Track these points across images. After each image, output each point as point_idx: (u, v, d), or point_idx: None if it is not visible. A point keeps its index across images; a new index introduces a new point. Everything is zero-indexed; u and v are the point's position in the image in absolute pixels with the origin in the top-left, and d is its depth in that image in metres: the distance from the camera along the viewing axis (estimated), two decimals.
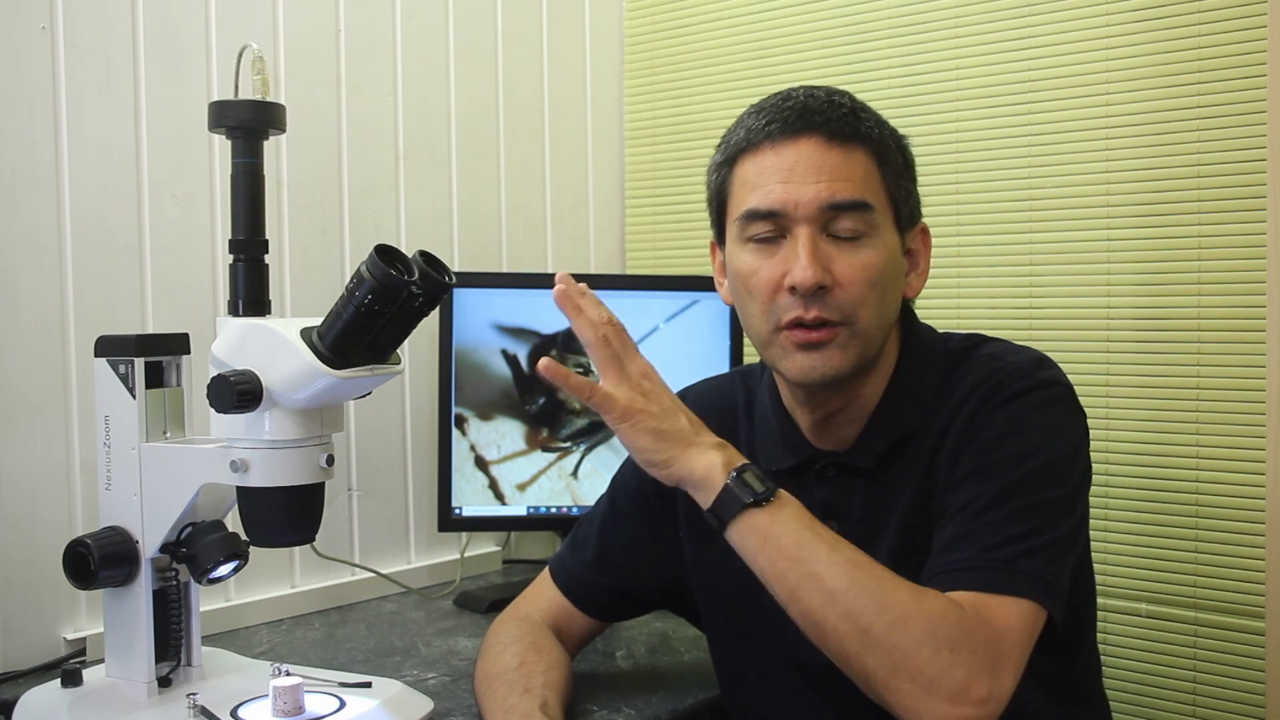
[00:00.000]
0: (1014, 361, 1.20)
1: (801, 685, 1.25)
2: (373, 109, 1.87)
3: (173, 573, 1.26)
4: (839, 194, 1.15)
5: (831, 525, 1.22)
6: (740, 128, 1.22)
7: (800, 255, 1.14)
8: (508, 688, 1.23)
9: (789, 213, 1.16)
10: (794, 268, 1.14)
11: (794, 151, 1.17)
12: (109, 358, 1.24)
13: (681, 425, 1.14)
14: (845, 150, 1.17)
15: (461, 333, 1.82)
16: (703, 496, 1.12)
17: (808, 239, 1.15)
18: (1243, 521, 1.59)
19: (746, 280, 1.19)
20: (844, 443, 1.24)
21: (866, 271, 1.16)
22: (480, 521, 1.86)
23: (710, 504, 1.11)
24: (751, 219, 1.18)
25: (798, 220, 1.15)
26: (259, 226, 1.23)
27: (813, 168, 1.16)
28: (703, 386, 1.42)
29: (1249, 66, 1.57)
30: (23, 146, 1.48)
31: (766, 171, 1.17)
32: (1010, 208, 1.79)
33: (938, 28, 1.86)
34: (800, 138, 1.17)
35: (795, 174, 1.16)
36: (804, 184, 1.15)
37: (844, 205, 1.15)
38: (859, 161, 1.17)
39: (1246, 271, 1.58)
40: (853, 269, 1.15)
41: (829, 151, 1.16)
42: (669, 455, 1.13)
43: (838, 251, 1.16)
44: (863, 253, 1.16)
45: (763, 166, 1.18)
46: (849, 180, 1.16)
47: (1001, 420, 1.15)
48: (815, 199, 1.15)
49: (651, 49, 2.24)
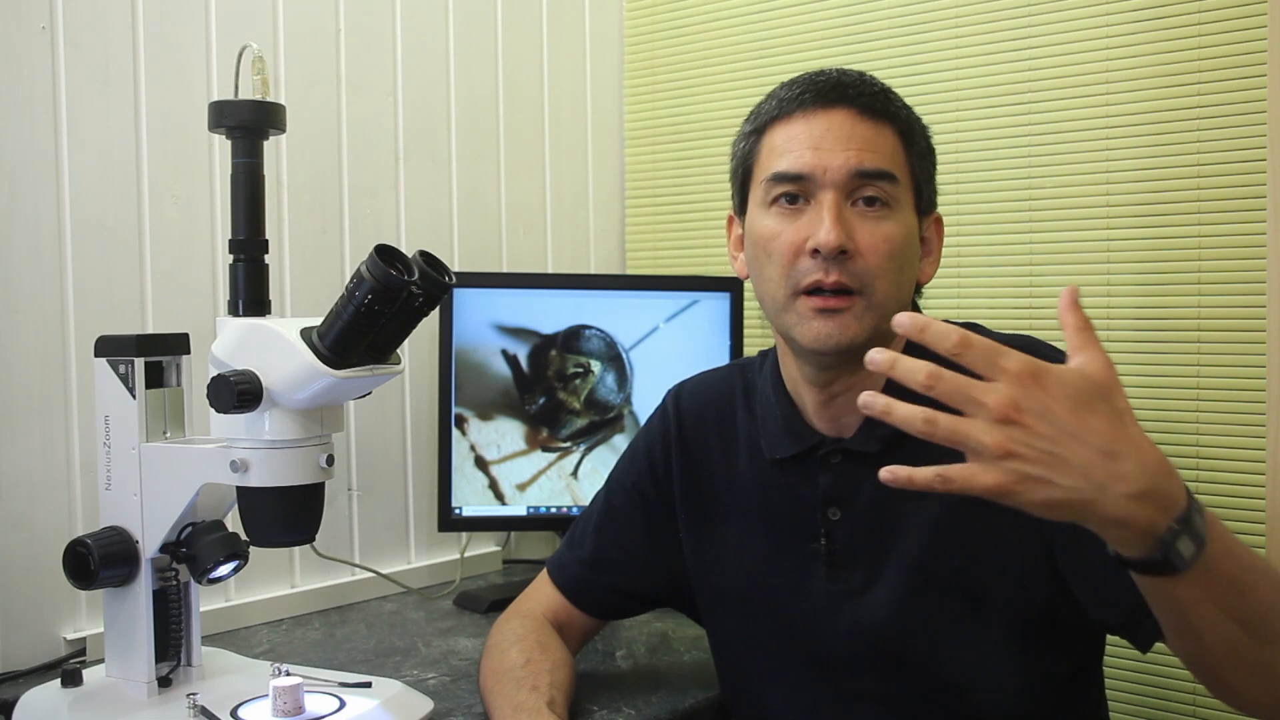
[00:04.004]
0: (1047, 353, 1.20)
1: (807, 679, 1.25)
2: (373, 109, 1.87)
3: (173, 573, 1.26)
4: (867, 162, 1.17)
5: (833, 512, 1.23)
6: (771, 99, 1.24)
7: (825, 218, 1.15)
8: (515, 685, 1.23)
9: (817, 177, 1.17)
10: (818, 230, 1.15)
11: (826, 120, 1.19)
12: (109, 358, 1.24)
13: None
14: (875, 124, 1.19)
15: (461, 333, 1.82)
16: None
17: (833, 203, 1.16)
18: (1243, 521, 1.59)
19: (768, 243, 1.20)
20: (848, 428, 1.24)
21: (887, 243, 1.17)
22: (480, 521, 1.86)
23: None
24: (778, 181, 1.19)
25: (824, 185, 1.17)
26: (259, 226, 1.23)
27: (843, 136, 1.18)
28: (699, 379, 1.41)
29: (1249, 66, 1.57)
30: (23, 146, 1.48)
31: (797, 138, 1.19)
32: (1010, 207, 1.79)
33: (938, 28, 1.86)
34: (833, 108, 1.19)
35: (826, 141, 1.18)
36: (833, 150, 1.17)
37: (871, 174, 1.17)
38: (887, 137, 1.19)
39: (1246, 271, 1.58)
40: (874, 239, 1.16)
41: (860, 123, 1.18)
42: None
43: (861, 221, 1.17)
44: (885, 224, 1.17)
45: (793, 133, 1.20)
46: (878, 152, 1.18)
47: None
48: (844, 165, 1.16)
49: (651, 49, 2.24)
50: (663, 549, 1.36)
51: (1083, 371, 0.87)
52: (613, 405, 1.87)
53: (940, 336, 0.84)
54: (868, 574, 1.22)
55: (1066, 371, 0.86)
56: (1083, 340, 0.88)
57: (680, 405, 1.38)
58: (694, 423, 1.36)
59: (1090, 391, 0.85)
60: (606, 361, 1.86)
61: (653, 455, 1.37)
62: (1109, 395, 0.86)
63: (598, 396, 1.87)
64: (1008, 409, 0.83)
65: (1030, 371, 0.84)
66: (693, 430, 1.36)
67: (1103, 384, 0.86)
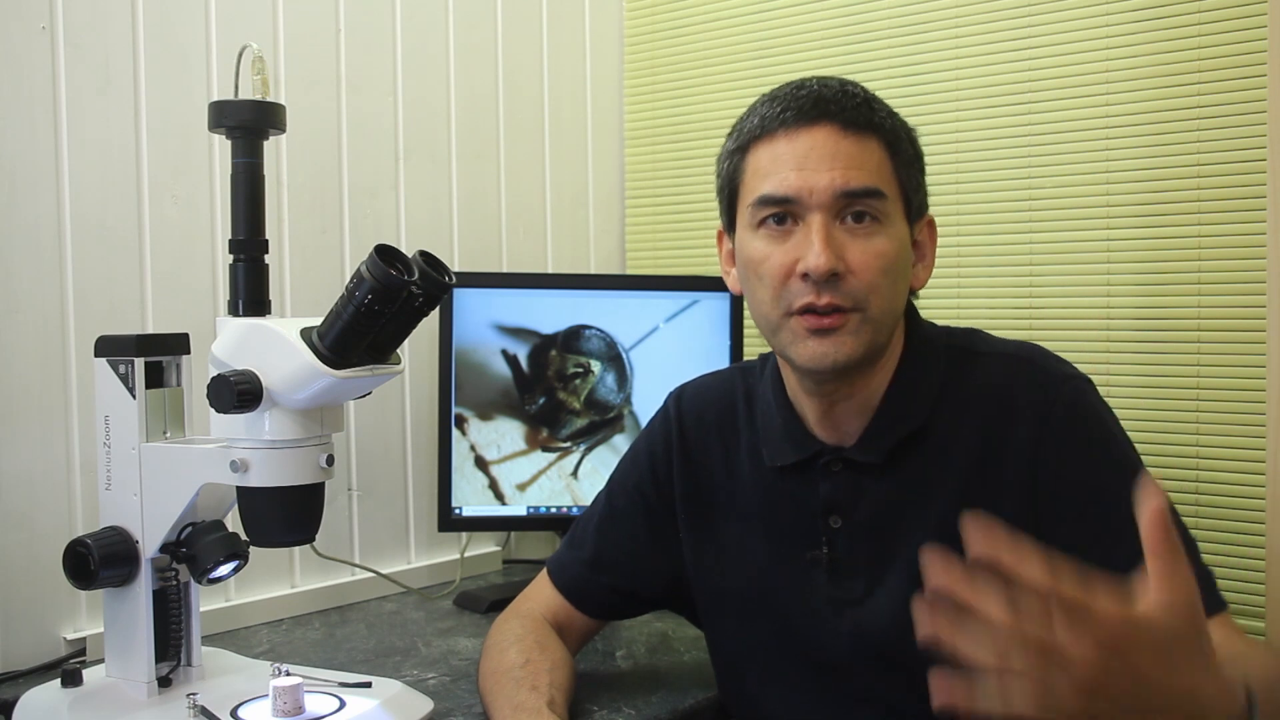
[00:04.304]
0: (1054, 370, 1.21)
1: (806, 682, 1.25)
2: (373, 109, 1.87)
3: (173, 573, 1.26)
4: (853, 181, 1.15)
5: (834, 521, 1.23)
6: (754, 115, 1.22)
7: (814, 242, 1.14)
8: (515, 684, 1.23)
9: (803, 199, 1.16)
10: (807, 254, 1.14)
11: (809, 139, 1.17)
12: (109, 358, 1.24)
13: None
14: (859, 139, 1.17)
15: (461, 333, 1.82)
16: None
17: (821, 225, 1.15)
18: (1243, 521, 1.59)
19: (758, 266, 1.19)
20: (849, 436, 1.24)
21: (879, 259, 1.16)
22: (480, 521, 1.86)
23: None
24: (764, 204, 1.18)
25: (811, 207, 1.16)
26: (259, 226, 1.23)
27: (827, 155, 1.16)
28: (701, 383, 1.41)
29: (1249, 66, 1.57)
30: (23, 146, 1.48)
31: (781, 158, 1.18)
32: (1010, 208, 1.79)
33: (938, 28, 1.86)
34: (815, 125, 1.17)
35: (809, 161, 1.16)
36: (818, 171, 1.16)
37: (857, 193, 1.16)
38: (872, 151, 1.18)
39: (1246, 271, 1.58)
40: (865, 256, 1.15)
41: (843, 140, 1.17)
42: None
43: (850, 239, 1.16)
44: (875, 241, 1.16)
45: (777, 153, 1.18)
46: (863, 168, 1.16)
47: (1082, 446, 1.17)
48: (829, 186, 1.15)
49: (651, 49, 2.24)
50: (663, 551, 1.36)
51: (1170, 623, 0.77)
52: (613, 405, 1.87)
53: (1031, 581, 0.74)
54: (869, 581, 1.21)
55: (1153, 627, 0.77)
56: (1170, 569, 0.77)
57: (682, 408, 1.38)
58: (695, 425, 1.36)
59: (1174, 641, 0.78)
60: (606, 361, 1.86)
61: (654, 457, 1.37)
62: (1197, 634, 0.79)
63: (598, 396, 1.86)
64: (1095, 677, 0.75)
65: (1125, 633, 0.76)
66: (694, 433, 1.35)
67: (1188, 624, 0.78)
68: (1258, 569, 1.57)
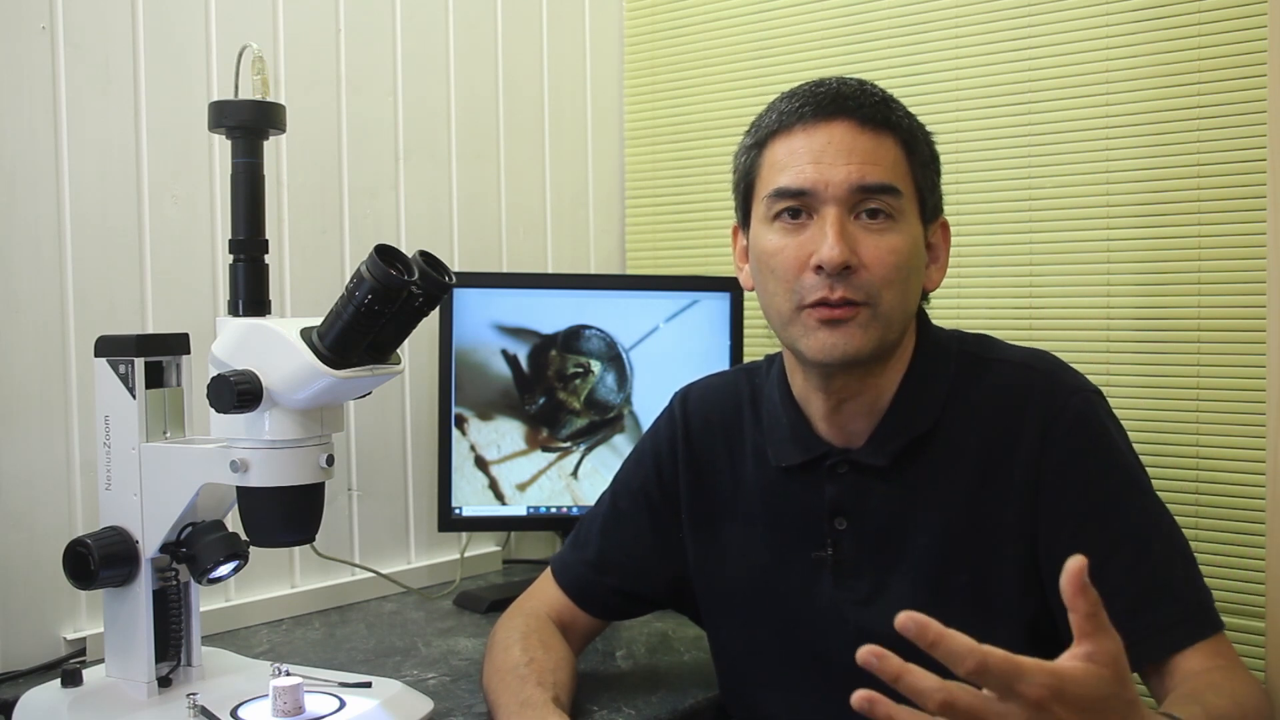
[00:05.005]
0: (1064, 381, 1.22)
1: (809, 683, 1.25)
2: (373, 109, 1.87)
3: (173, 573, 1.26)
4: (869, 176, 1.16)
5: (839, 522, 1.23)
6: (772, 111, 1.23)
7: (828, 234, 1.14)
8: (520, 681, 1.24)
9: (818, 192, 1.16)
10: (821, 247, 1.15)
11: (826, 133, 1.18)
12: (109, 358, 1.24)
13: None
14: (876, 136, 1.18)
15: (461, 333, 1.82)
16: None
17: (836, 219, 1.15)
18: (1243, 521, 1.59)
19: (771, 259, 1.19)
20: (856, 438, 1.24)
21: (893, 255, 1.16)
22: (480, 521, 1.86)
23: None
24: (780, 197, 1.18)
25: (826, 200, 1.16)
26: (259, 226, 1.23)
27: (844, 150, 1.17)
28: (706, 384, 1.41)
29: (1249, 66, 1.57)
30: (23, 146, 1.48)
31: (798, 152, 1.18)
32: (1010, 208, 1.79)
33: (938, 28, 1.86)
34: (833, 121, 1.18)
35: (826, 155, 1.17)
36: (835, 165, 1.16)
37: (873, 188, 1.16)
38: (889, 148, 1.18)
39: (1246, 271, 1.58)
40: (879, 252, 1.16)
41: (860, 135, 1.17)
42: None
43: (864, 234, 1.16)
44: (889, 237, 1.17)
45: (794, 147, 1.19)
46: (879, 164, 1.17)
47: (1086, 457, 1.17)
48: (845, 180, 1.15)
49: (651, 49, 2.24)
50: (667, 551, 1.36)
51: (1099, 675, 0.83)
52: (613, 405, 1.87)
53: (956, 658, 0.80)
54: (874, 584, 1.22)
55: (1083, 681, 0.82)
56: (1093, 626, 0.82)
57: (688, 408, 1.38)
58: (701, 426, 1.36)
59: (1105, 692, 0.83)
60: (606, 361, 1.86)
61: (659, 457, 1.37)
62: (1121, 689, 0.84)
63: (598, 396, 1.87)
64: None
65: (1051, 694, 0.81)
66: (699, 434, 1.35)
67: (1114, 679, 0.83)
68: (1258, 569, 1.57)
